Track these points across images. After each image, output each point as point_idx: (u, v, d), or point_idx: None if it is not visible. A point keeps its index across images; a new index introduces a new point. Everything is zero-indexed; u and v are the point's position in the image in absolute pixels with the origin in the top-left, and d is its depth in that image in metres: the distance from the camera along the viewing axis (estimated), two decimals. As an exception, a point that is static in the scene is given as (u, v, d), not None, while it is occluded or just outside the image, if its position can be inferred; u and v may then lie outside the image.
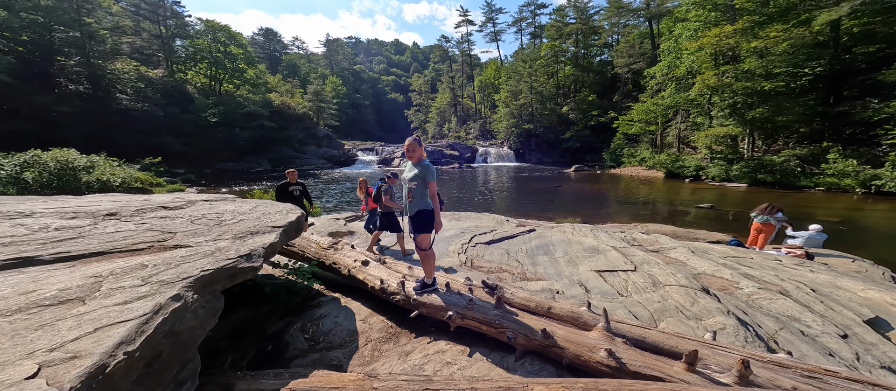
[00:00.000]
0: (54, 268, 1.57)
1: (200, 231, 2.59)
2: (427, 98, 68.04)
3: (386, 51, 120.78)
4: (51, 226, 2.13)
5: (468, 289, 3.08)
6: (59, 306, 1.20)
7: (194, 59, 34.33)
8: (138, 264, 1.71)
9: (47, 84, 24.30)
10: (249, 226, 2.95)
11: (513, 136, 39.40)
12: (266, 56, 66.18)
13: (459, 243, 5.77)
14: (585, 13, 40.18)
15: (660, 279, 3.50)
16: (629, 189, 18.95)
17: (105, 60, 27.67)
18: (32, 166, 12.11)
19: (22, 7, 23.67)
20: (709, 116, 20.53)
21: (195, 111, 29.96)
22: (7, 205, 2.44)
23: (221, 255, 1.98)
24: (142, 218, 2.68)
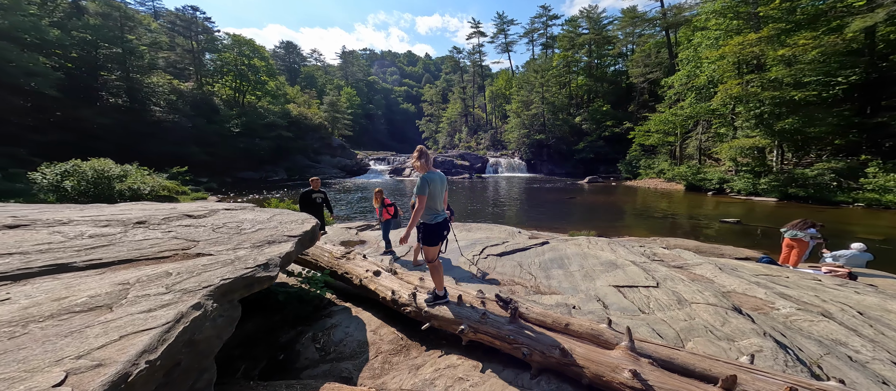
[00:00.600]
0: (86, 275, 1.65)
1: (221, 240, 2.68)
2: (438, 108, 68.94)
3: (399, 62, 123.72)
4: (85, 234, 2.26)
5: (480, 302, 3.01)
6: (88, 313, 1.25)
7: (221, 72, 36.33)
8: (163, 272, 1.77)
9: (90, 97, 26.24)
10: (267, 235, 3.02)
11: (524, 147, 39.19)
12: (286, 68, 69.39)
13: (470, 254, 5.70)
14: (599, 23, 40.10)
15: (685, 296, 3.32)
16: (646, 201, 18.33)
17: (143, 74, 29.66)
18: (72, 175, 13.00)
19: (73, 26, 25.90)
20: (733, 127, 19.74)
21: (220, 122, 31.51)
22: (47, 213, 2.61)
23: (240, 264, 2.03)
24: (168, 226, 2.80)
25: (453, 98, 63.97)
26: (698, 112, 21.36)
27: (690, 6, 30.52)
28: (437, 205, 2.92)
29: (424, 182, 2.79)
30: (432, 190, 2.83)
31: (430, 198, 2.84)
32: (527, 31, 53.88)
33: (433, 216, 2.90)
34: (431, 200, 2.86)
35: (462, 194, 23.17)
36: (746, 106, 18.01)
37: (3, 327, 1.09)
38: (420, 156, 2.90)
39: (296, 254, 3.08)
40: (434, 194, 2.85)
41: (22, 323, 1.13)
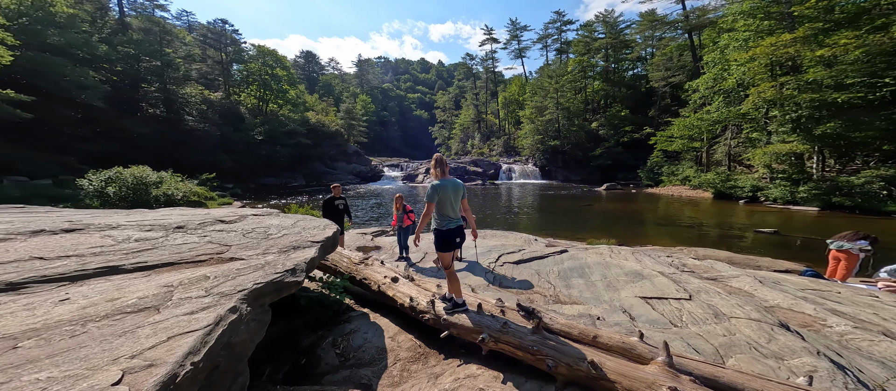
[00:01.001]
0: (134, 277, 1.77)
1: (251, 244, 2.80)
2: (451, 115, 69.11)
3: (412, 69, 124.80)
4: (132, 238, 2.43)
5: (500, 310, 2.97)
6: (138, 313, 1.34)
7: (247, 82, 38.28)
8: (202, 275, 1.87)
9: (132, 108, 28.29)
10: (292, 240, 3.13)
11: (538, 153, 38.59)
12: (305, 77, 72.19)
13: (487, 262, 5.66)
14: (615, 28, 39.35)
15: (722, 310, 3.13)
16: (670, 210, 17.53)
17: (178, 86, 31.67)
18: (114, 182, 14.04)
19: (119, 41, 28.14)
20: (766, 132, 18.64)
21: (245, 130, 33.10)
22: (98, 218, 2.83)
23: (270, 269, 2.11)
24: (203, 231, 2.96)
25: (466, 104, 64.10)
26: (727, 116, 20.34)
27: (715, 8, 29.43)
28: (449, 212, 2.94)
29: (434, 189, 2.86)
30: (442, 197, 2.88)
31: (440, 204, 2.90)
32: (540, 37, 53.70)
33: (445, 222, 2.94)
34: (442, 207, 2.92)
35: (475, 201, 23.04)
36: (782, 109, 16.99)
37: (65, 326, 1.18)
38: (436, 164, 2.98)
39: (319, 259, 3.16)
40: (445, 201, 2.90)
41: (81, 322, 1.22)
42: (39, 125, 20.36)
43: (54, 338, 1.09)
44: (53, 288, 1.49)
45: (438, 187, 2.88)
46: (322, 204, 6.08)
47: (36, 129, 20.56)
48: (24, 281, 1.47)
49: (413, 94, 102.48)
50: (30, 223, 2.33)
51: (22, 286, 1.44)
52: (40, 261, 1.71)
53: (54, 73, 21.49)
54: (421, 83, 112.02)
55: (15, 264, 1.61)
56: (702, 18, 29.71)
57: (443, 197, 2.89)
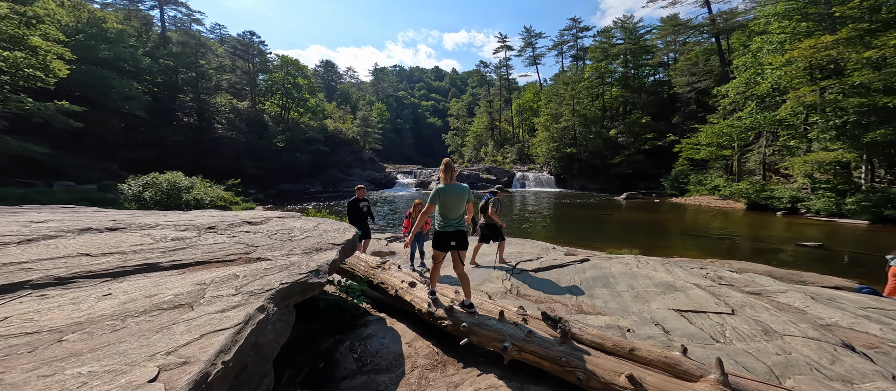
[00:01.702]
0: (170, 275, 1.83)
1: (276, 245, 2.87)
2: (464, 122, 69.19)
3: (426, 77, 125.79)
4: (168, 237, 2.54)
5: (522, 318, 2.86)
6: (174, 310, 1.37)
7: (271, 91, 40.09)
8: (231, 274, 1.91)
9: (169, 117, 30.21)
10: (314, 242, 3.18)
11: (553, 161, 37.81)
12: (324, 86, 74.83)
13: (503, 270, 5.52)
14: (635, 33, 38.46)
15: (773, 327, 2.88)
16: (698, 221, 16.60)
17: (210, 96, 33.53)
18: (151, 187, 14.99)
19: (160, 54, 30.27)
20: (806, 139, 17.40)
21: (268, 137, 34.56)
22: (139, 218, 2.99)
23: (295, 270, 2.14)
24: (232, 232, 3.07)
25: (479, 112, 63.86)
26: (761, 123, 19.19)
27: (744, 11, 28.20)
28: (450, 215, 3.07)
29: (436, 193, 3.03)
30: (444, 200, 3.02)
31: (442, 207, 3.05)
32: (556, 44, 53.56)
33: (444, 224, 3.08)
34: (444, 210, 3.06)
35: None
36: (823, 115, 15.85)
37: (106, 320, 1.23)
38: (445, 169, 3.13)
39: (340, 262, 3.18)
40: (447, 205, 3.03)
41: (121, 317, 1.27)
42: (88, 133, 22.12)
43: (96, 333, 1.13)
44: (97, 283, 1.56)
45: (442, 191, 3.02)
46: (347, 206, 6.15)
47: (85, 137, 22.35)
48: (71, 276, 1.55)
49: (427, 102, 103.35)
50: (79, 222, 2.48)
51: (69, 281, 1.52)
52: (87, 257, 1.80)
53: (103, 85, 23.38)
54: (435, 91, 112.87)
55: (64, 260, 1.71)
56: (730, 22, 28.53)
57: (445, 200, 3.02)
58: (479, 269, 5.71)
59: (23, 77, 16.20)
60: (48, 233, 2.04)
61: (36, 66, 16.46)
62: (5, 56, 15.21)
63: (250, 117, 36.07)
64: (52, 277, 1.50)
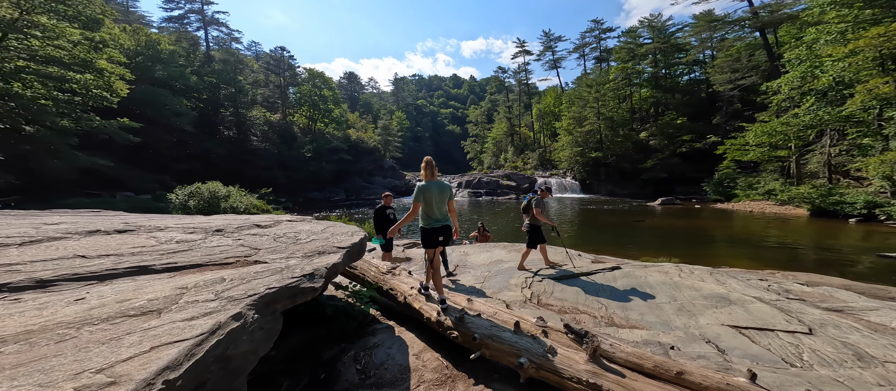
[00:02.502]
0: (159, 278, 1.76)
1: (279, 248, 2.80)
2: (483, 129, 68.50)
3: (445, 85, 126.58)
4: (174, 240, 2.54)
5: (542, 331, 2.52)
6: (138, 317, 1.27)
7: (299, 103, 42.38)
8: (220, 278, 1.81)
9: (212, 131, 32.81)
10: (319, 245, 3.08)
11: (577, 166, 36.21)
12: (347, 96, 78.00)
13: (523, 277, 5.15)
14: (664, 32, 36.32)
15: (869, 352, 2.33)
16: (749, 228, 14.90)
17: (247, 109, 36.00)
18: (194, 196, 16.30)
19: (205, 71, 33.05)
20: (882, 137, 15.15)
21: (297, 148, 36.40)
22: (153, 221, 3.05)
23: (288, 273, 2.02)
24: (239, 234, 3.06)
25: (498, 118, 63.06)
26: (824, 119, 17.01)
27: (790, 3, 25.67)
28: (434, 212, 3.11)
29: (419, 190, 3.08)
30: (427, 197, 3.07)
31: (426, 205, 3.10)
32: (577, 47, 52.26)
33: (429, 222, 3.12)
34: (427, 207, 3.10)
35: (508, 214, 22.15)
36: (902, 107, 13.75)
37: (60, 329, 1.13)
38: (426, 166, 3.20)
39: (343, 266, 3.05)
40: (430, 202, 3.08)
41: (78, 325, 1.17)
42: (145, 148, 24.50)
43: (40, 343, 1.03)
44: (78, 287, 1.51)
45: (424, 188, 3.07)
46: (374, 213, 5.98)
47: (142, 151, 24.77)
48: (55, 278, 1.52)
49: (445, 110, 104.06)
50: (90, 224, 2.56)
51: (51, 284, 1.48)
52: (81, 259, 1.78)
53: (157, 103, 25.92)
54: (453, 98, 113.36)
55: (56, 262, 1.69)
56: (776, 14, 26.06)
57: (428, 197, 3.07)
58: (498, 276, 5.37)
59: (91, 97, 18.42)
60: (54, 235, 2.08)
61: (102, 87, 18.63)
62: (78, 78, 17.41)
63: (281, 129, 38.30)
64: (35, 280, 1.47)
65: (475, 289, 5.04)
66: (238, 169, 29.76)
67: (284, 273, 2.02)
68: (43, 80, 16.18)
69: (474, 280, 5.62)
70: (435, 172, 3.21)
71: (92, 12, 18.84)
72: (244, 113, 34.90)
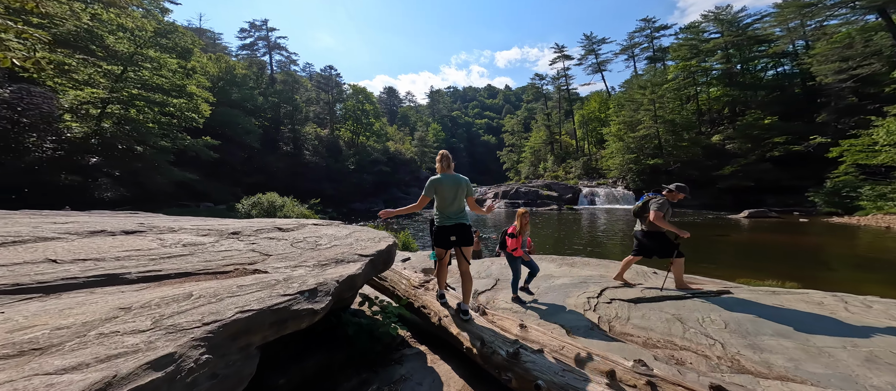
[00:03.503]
0: (123, 291, 1.38)
1: (291, 255, 2.39)
2: (520, 138, 65.54)
3: (479, 96, 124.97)
4: (181, 243, 2.27)
5: (647, 383, 1.64)
6: (9, 359, 0.82)
7: (345, 118, 45.38)
8: (187, 293, 1.37)
9: (274, 147, 36.57)
10: (338, 252, 2.61)
11: (630, 174, 32.45)
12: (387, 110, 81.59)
13: (583, 296, 4.14)
14: (735, 24, 31.47)
15: None
16: (888, 247, 11.37)
17: (301, 126, 39.55)
18: (256, 205, 18.13)
19: (269, 92, 37.19)
20: None
21: (342, 161, 38.72)
22: (170, 222, 2.87)
23: (281, 289, 1.51)
24: (255, 238, 2.74)
25: (536, 126, 59.80)
26: None
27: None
28: (446, 209, 2.85)
29: (430, 184, 2.84)
30: (439, 191, 2.82)
31: (438, 199, 2.85)
32: (625, 47, 48.31)
33: (442, 219, 2.86)
34: (441, 202, 2.85)
35: (550, 226, 20.29)
36: None
37: None
38: (441, 158, 2.94)
39: (365, 277, 2.51)
40: (443, 196, 2.83)
41: None
42: (222, 163, 28.10)
43: None
44: (13, 301, 1.16)
45: (436, 181, 2.82)
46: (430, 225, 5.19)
47: (220, 167, 28.44)
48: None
49: (480, 120, 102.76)
50: (101, 225, 2.40)
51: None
52: (50, 264, 1.49)
53: (233, 123, 29.71)
54: (488, 109, 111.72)
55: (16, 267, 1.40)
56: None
57: (441, 191, 2.82)
58: (550, 293, 4.43)
59: (184, 119, 21.71)
60: (46, 236, 1.88)
61: (192, 109, 21.88)
62: (174, 103, 20.64)
63: (329, 143, 41.27)
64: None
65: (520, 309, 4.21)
66: (293, 181, 32.39)
67: (277, 288, 1.52)
68: (150, 106, 19.47)
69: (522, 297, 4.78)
70: (451, 165, 2.92)
71: (185, 43, 22.41)
72: (299, 129, 38.30)
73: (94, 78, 17.45)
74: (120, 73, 18.04)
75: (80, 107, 17.11)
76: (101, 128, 17.61)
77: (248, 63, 40.43)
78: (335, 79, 48.59)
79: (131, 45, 18.10)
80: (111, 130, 17.97)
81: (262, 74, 40.32)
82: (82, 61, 16.67)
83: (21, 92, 13.64)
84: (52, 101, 14.88)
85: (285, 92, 39.13)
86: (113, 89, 17.71)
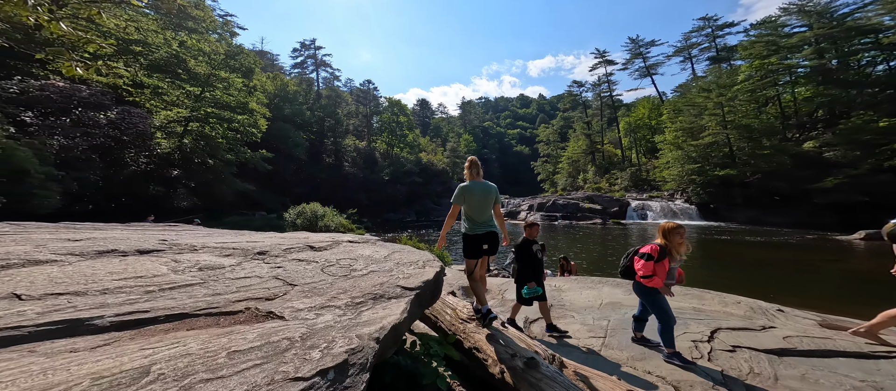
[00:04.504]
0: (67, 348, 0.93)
1: (320, 286, 1.89)
2: (555, 148, 62.21)
3: (512, 106, 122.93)
4: (196, 266, 1.88)
5: None
6: None
7: (381, 130, 47.13)
8: (142, 369, 0.86)
9: (318, 159, 38.91)
10: (376, 282, 2.05)
11: (693, 186, 28.92)
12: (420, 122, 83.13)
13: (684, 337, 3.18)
14: (827, 15, 26.82)
15: None
16: None
17: (342, 138, 41.74)
18: (301, 215, 19.20)
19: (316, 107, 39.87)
20: None
21: (378, 172, 39.91)
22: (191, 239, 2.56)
23: (292, 364, 0.96)
24: (283, 260, 2.32)
25: (574, 135, 56.63)
26: None
27: None
28: (477, 217, 2.79)
29: (460, 191, 2.80)
30: (469, 200, 2.78)
31: (468, 207, 2.80)
32: (679, 49, 44.76)
33: (472, 227, 2.80)
34: (470, 210, 2.80)
35: (594, 243, 18.35)
36: None
37: None
38: (470, 166, 2.94)
39: (409, 323, 1.92)
40: (473, 205, 2.78)
41: None
42: (275, 175, 30.39)
43: None
44: None
45: (465, 189, 2.80)
46: (515, 249, 3.85)
47: (274, 178, 30.78)
48: None
49: (512, 131, 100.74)
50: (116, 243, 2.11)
51: None
52: (8, 301, 1.09)
53: (285, 136, 32.17)
54: (521, 119, 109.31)
55: None
56: None
57: (470, 200, 2.79)
58: (625, 330, 3.46)
59: (246, 133, 23.92)
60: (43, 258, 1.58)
61: (252, 125, 24.06)
62: (239, 119, 22.83)
63: (366, 154, 42.99)
64: None
65: (593, 351, 3.35)
66: (333, 191, 33.91)
67: (288, 361, 0.96)
68: (220, 122, 21.75)
69: (588, 333, 3.80)
70: (480, 173, 2.91)
71: (248, 63, 24.87)
72: (340, 141, 40.47)
73: (181, 99, 19.99)
74: (199, 93, 20.45)
75: (168, 125, 19.65)
76: (182, 143, 19.99)
77: (299, 80, 44.05)
78: (372, 93, 50.99)
79: (208, 68, 20.42)
80: (190, 146, 20.32)
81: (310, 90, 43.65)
82: (170, 84, 19.22)
83: (124, 113, 15.91)
84: (147, 121, 17.21)
85: (329, 106, 41.74)
86: (193, 108, 20.08)
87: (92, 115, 14.36)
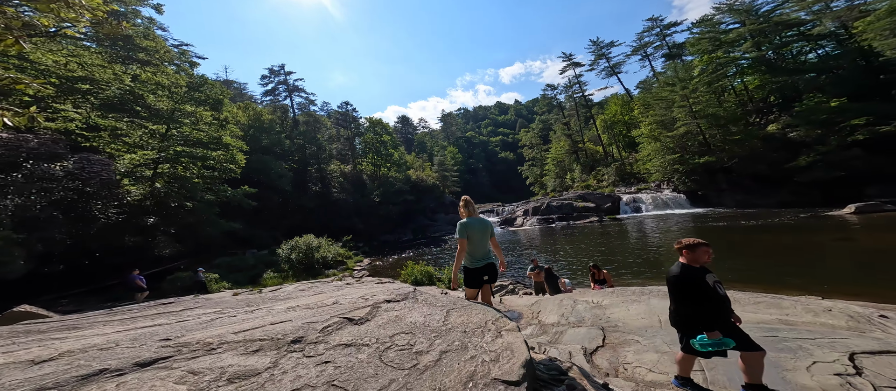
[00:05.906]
0: None
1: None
2: (539, 151, 63.53)
3: (491, 114, 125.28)
4: (223, 374, 1.37)
5: None
6: None
7: (365, 151, 46.22)
8: None
9: (303, 188, 37.30)
10: (463, 374, 1.57)
11: (677, 175, 30.06)
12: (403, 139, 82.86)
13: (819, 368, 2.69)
14: (753, 13, 29.90)
15: None
16: None
17: (326, 164, 40.34)
18: (295, 249, 18.08)
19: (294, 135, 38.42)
20: None
21: (367, 194, 38.80)
22: (202, 333, 1.99)
23: None
24: (326, 347, 1.81)
25: (555, 137, 58.37)
26: None
27: None
28: (477, 251, 3.03)
29: (462, 227, 3.07)
30: (470, 235, 3.02)
31: (469, 242, 3.02)
32: (636, 48, 47.49)
33: (472, 261, 3.03)
34: (471, 246, 3.03)
35: (593, 241, 18.14)
36: None
37: None
38: (465, 205, 3.29)
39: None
40: (473, 240, 3.01)
41: None
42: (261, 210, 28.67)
43: None
44: None
45: (467, 225, 3.06)
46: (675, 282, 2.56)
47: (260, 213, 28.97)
48: None
49: (495, 138, 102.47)
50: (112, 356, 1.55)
51: None
52: None
53: (266, 168, 30.64)
54: (501, 125, 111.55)
55: None
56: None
57: (472, 235, 3.02)
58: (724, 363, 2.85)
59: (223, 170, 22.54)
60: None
61: (229, 160, 22.74)
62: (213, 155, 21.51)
63: (353, 178, 41.80)
64: None
65: None
66: (325, 219, 32.41)
67: None
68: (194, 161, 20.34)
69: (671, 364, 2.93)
70: (475, 210, 3.22)
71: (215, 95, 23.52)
72: (324, 168, 39.18)
73: (144, 139, 18.53)
74: (165, 131, 19.06)
75: (135, 169, 18.12)
76: (154, 188, 18.44)
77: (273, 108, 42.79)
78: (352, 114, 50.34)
79: (170, 102, 19.06)
80: (163, 189, 18.77)
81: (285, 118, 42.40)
82: (129, 124, 17.75)
83: (82, 161, 14.44)
84: (111, 167, 15.74)
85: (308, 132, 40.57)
86: (161, 148, 18.65)
87: (46, 168, 12.83)
